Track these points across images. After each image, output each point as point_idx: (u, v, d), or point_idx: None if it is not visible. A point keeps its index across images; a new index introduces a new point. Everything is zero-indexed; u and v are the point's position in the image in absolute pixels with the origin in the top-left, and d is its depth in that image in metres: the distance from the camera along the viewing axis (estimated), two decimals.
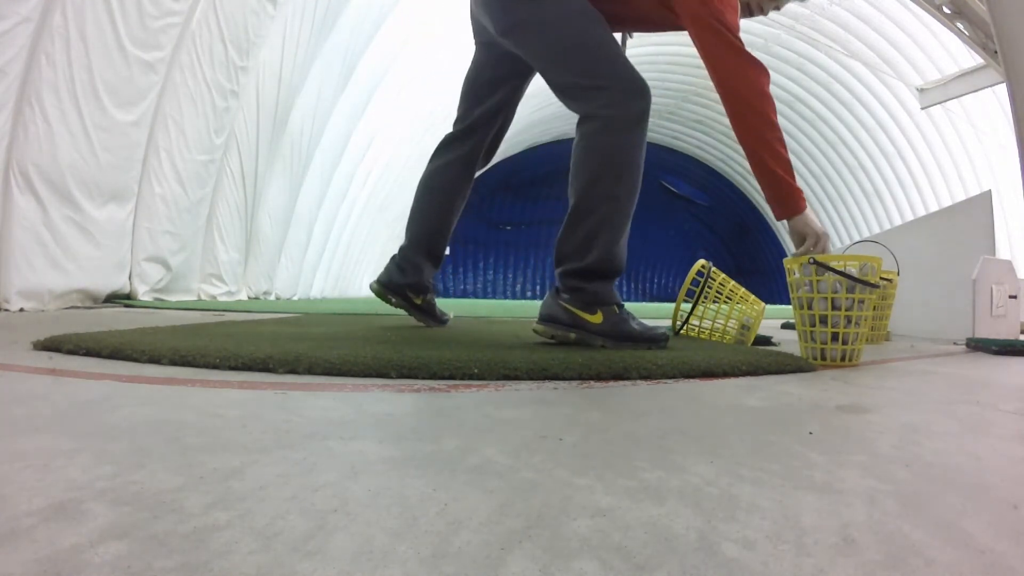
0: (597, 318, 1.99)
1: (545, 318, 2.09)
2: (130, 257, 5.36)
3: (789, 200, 2.03)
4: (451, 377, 1.45)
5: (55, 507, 0.57)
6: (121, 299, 5.21)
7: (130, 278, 5.39)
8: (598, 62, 2.10)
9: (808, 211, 2.04)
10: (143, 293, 5.50)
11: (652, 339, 1.99)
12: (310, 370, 1.46)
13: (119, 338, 1.83)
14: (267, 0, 6.34)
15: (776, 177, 1.98)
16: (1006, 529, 0.60)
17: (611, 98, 2.06)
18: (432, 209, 2.73)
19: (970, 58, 10.31)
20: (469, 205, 2.99)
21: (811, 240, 2.05)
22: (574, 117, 2.20)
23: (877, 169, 17.95)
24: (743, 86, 2.03)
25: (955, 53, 12.20)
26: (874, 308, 2.92)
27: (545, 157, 24.51)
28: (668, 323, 3.10)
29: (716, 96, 2.04)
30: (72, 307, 4.45)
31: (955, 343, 3.33)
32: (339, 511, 0.59)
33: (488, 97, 2.60)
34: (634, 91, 2.07)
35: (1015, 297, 3.56)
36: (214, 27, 5.79)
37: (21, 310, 3.92)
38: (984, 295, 3.44)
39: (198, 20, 5.54)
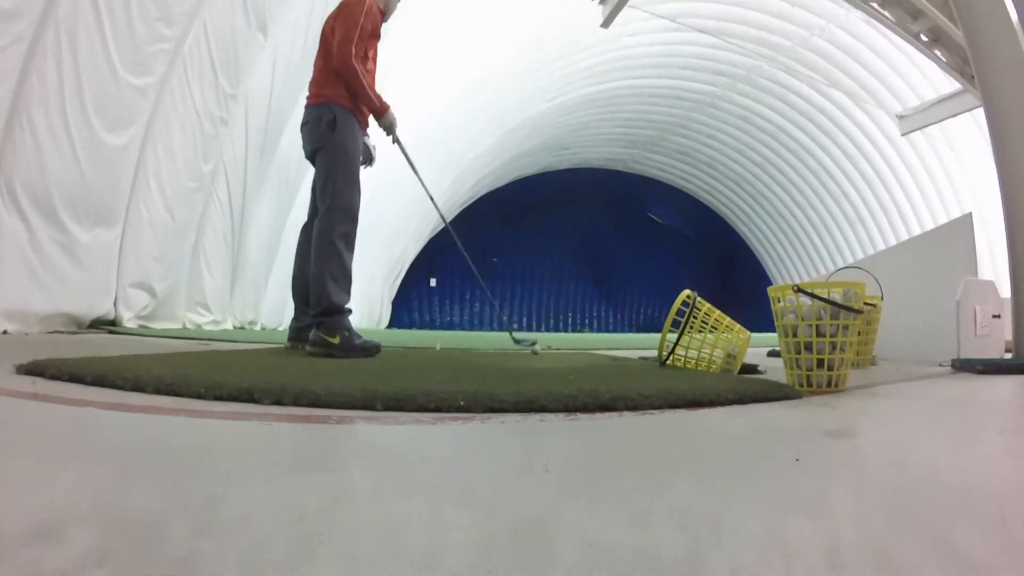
0: (336, 339, 3.01)
1: (311, 342, 3.05)
2: (115, 282, 5.31)
3: (381, 110, 3.31)
4: (437, 410, 1.43)
5: (37, 530, 0.57)
6: (106, 325, 5.16)
7: (115, 304, 5.33)
8: (337, 190, 3.17)
9: (391, 110, 3.37)
10: (128, 319, 5.45)
11: (367, 349, 3.06)
12: (296, 401, 1.44)
13: (103, 364, 1.81)
14: (257, 29, 6.37)
15: (372, 103, 3.26)
16: (995, 544, 0.61)
17: (333, 216, 3.15)
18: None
19: (948, 83, 10.53)
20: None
21: (394, 124, 3.42)
22: (561, 149, 2.41)
23: (860, 196, 18.11)
24: (349, 71, 3.16)
25: (933, 79, 12.39)
26: (859, 333, 2.94)
27: (531, 188, 24.62)
28: (654, 353, 3.11)
29: (700, 128, 2.18)
30: (56, 331, 4.39)
31: (941, 364, 3.34)
32: (323, 541, 0.59)
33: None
34: (347, 215, 3.18)
35: (998, 316, 3.59)
36: (205, 54, 5.80)
37: (5, 332, 3.88)
38: (968, 316, 3.48)
39: (189, 46, 5.54)
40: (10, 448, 0.91)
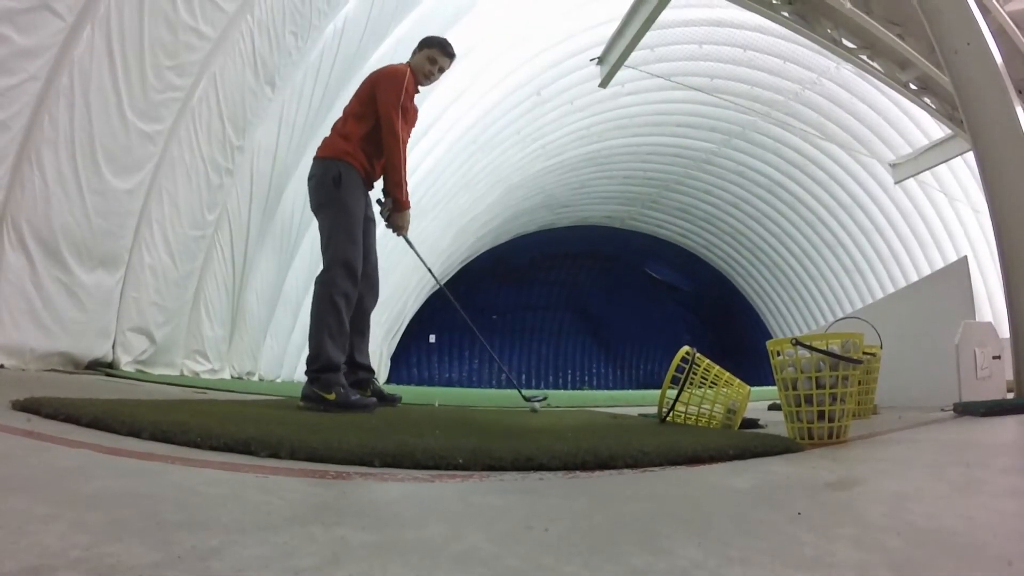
0: (332, 396, 2.92)
1: (304, 397, 3.00)
2: (115, 325, 5.29)
3: (404, 204, 3.39)
4: (435, 467, 1.41)
5: (28, 572, 0.56)
6: (103, 367, 5.12)
7: (113, 347, 5.30)
8: (339, 247, 3.18)
9: (409, 210, 3.46)
10: (126, 363, 5.40)
11: (364, 405, 2.98)
12: (292, 455, 1.43)
13: (99, 407, 1.79)
14: (265, 82, 6.45)
15: (400, 190, 3.33)
16: None
17: (333, 273, 3.15)
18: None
19: (939, 129, 10.66)
20: (456, 294, 3.87)
21: (406, 225, 3.48)
22: (560, 208, 2.44)
23: (856, 245, 18.10)
24: (394, 149, 3.27)
25: (925, 126, 12.58)
26: (859, 383, 2.92)
27: (531, 246, 24.73)
28: (654, 410, 3.10)
29: (697, 185, 2.22)
30: (53, 369, 4.34)
31: (943, 409, 3.28)
32: None
33: None
34: (349, 274, 3.16)
35: (999, 357, 3.55)
36: (213, 105, 5.88)
37: (1, 366, 3.86)
38: (968, 359, 3.44)
39: (199, 97, 5.63)
40: (2, 485, 0.90)
